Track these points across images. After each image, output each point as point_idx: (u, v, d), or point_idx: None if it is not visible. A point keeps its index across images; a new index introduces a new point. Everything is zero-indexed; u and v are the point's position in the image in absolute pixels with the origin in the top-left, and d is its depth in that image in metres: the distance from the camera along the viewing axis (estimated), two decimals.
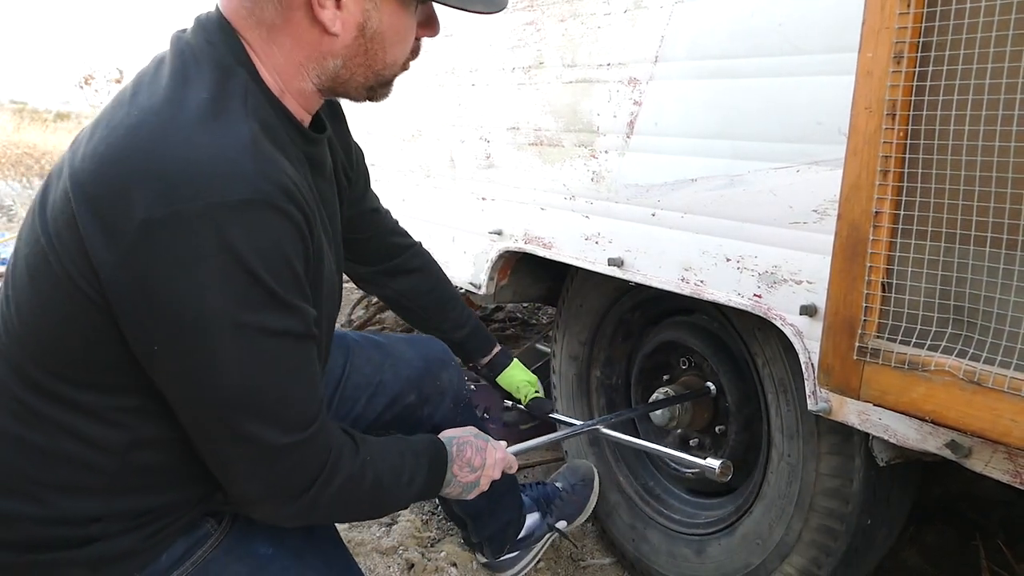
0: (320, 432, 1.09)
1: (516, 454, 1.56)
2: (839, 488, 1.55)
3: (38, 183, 10.43)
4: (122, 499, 1.10)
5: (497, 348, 1.87)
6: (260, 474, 1.06)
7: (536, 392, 1.88)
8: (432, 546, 2.17)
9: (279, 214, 0.96)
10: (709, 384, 1.89)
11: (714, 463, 1.62)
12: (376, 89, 1.16)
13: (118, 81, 9.59)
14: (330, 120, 1.31)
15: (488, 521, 1.95)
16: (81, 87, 9.43)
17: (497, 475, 1.46)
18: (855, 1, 1.17)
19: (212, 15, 1.08)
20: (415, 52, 1.17)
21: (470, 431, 1.46)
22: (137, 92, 1.02)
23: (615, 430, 1.84)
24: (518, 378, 1.87)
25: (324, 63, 1.08)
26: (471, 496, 1.44)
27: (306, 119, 1.15)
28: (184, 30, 1.10)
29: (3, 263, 5.91)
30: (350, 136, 1.46)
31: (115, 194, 0.93)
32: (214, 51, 1.04)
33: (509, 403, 1.92)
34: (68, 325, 1.01)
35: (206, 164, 0.93)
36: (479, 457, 1.42)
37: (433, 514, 2.29)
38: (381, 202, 1.69)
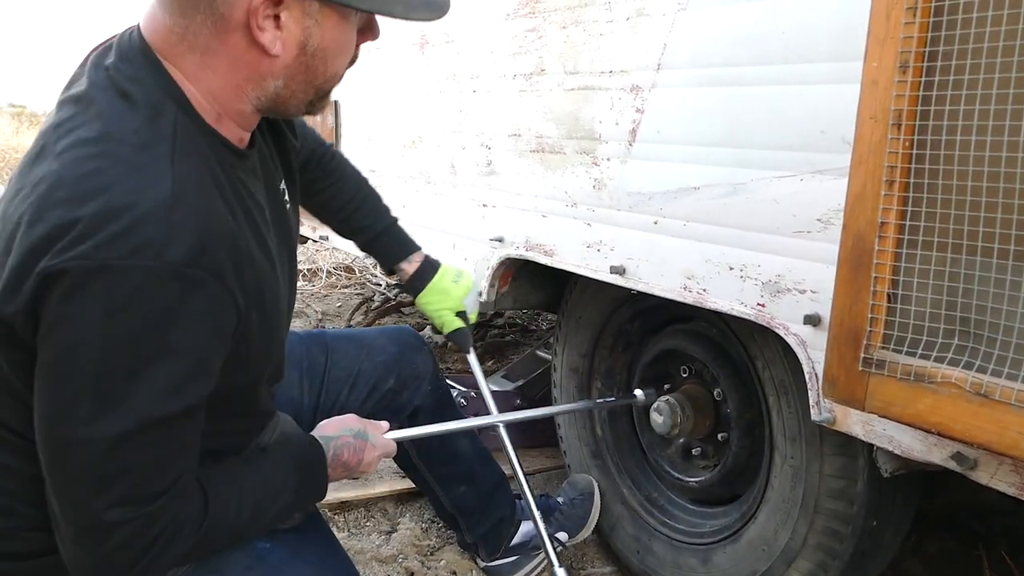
0: (163, 506, 1.01)
1: (399, 440, 1.52)
2: (844, 489, 1.54)
3: None
4: None
5: (420, 258, 1.80)
6: (87, 547, 0.99)
7: (458, 322, 1.81)
8: (432, 554, 2.16)
9: (180, 282, 0.93)
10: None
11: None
12: (315, 103, 1.12)
13: None
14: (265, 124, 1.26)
15: (480, 518, 1.96)
16: None
17: (375, 468, 1.42)
18: (859, 10, 1.17)
19: (135, 42, 1.03)
20: (354, 59, 1.13)
21: (349, 427, 1.38)
22: (57, 138, 0.98)
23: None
24: (435, 304, 1.79)
25: (263, 84, 1.04)
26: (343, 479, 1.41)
27: (244, 139, 1.12)
28: (104, 54, 1.06)
29: None
30: (286, 134, 1.36)
31: (18, 250, 0.92)
32: (140, 88, 1.00)
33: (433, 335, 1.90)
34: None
35: (115, 224, 0.90)
36: (356, 458, 1.36)
37: (433, 522, 2.28)
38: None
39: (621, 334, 2.12)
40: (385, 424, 1.48)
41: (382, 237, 1.79)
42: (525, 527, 2.04)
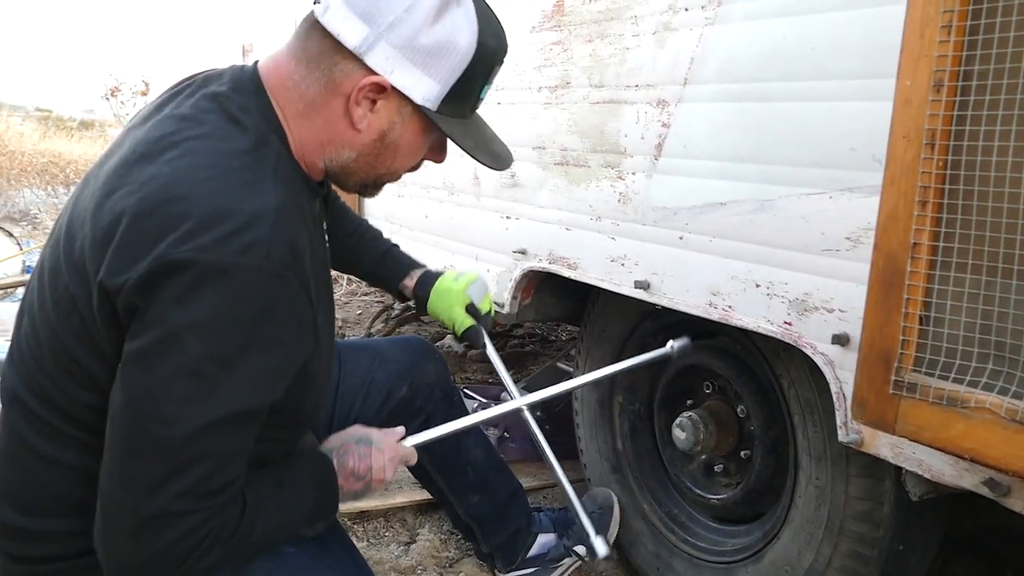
0: (222, 503, 1.05)
1: (417, 445, 1.47)
2: (869, 511, 1.51)
3: (63, 192, 10.54)
4: None
5: (419, 271, 1.81)
6: (145, 537, 1.00)
7: (469, 320, 1.74)
8: (451, 566, 2.15)
9: (281, 285, 1.01)
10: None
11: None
12: (369, 187, 1.24)
13: (144, 93, 9.69)
14: None
15: (496, 528, 1.95)
16: (107, 98, 9.55)
17: (390, 476, 1.39)
18: (891, 27, 1.16)
19: (248, 75, 1.15)
20: (415, 168, 1.25)
21: (352, 435, 1.39)
22: (165, 147, 1.05)
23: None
24: (442, 305, 1.75)
25: (340, 151, 1.16)
26: (366, 497, 1.41)
27: (318, 179, 1.22)
28: (208, 82, 1.15)
29: (29, 271, 5.97)
30: None
31: (133, 241, 0.98)
32: (250, 117, 1.10)
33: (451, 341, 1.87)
34: (88, 357, 1.06)
35: (222, 225, 0.97)
36: (363, 464, 1.35)
37: (452, 533, 2.27)
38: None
39: (644, 348, 2.11)
40: (400, 430, 1.46)
41: (385, 259, 1.83)
42: (543, 539, 2.03)
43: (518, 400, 1.69)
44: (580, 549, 2.03)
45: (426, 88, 1.09)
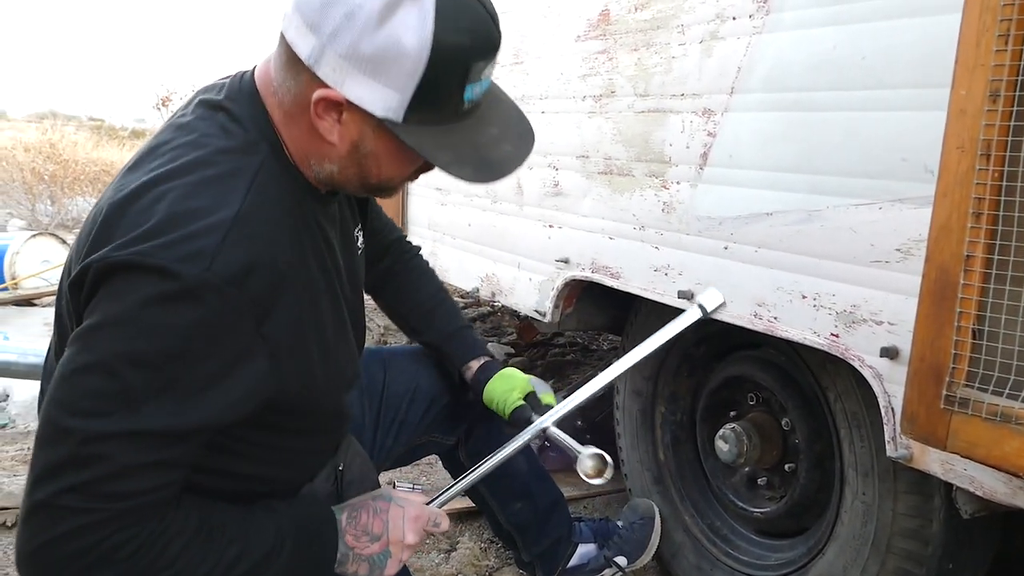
0: (121, 513, 0.97)
1: (442, 506, 1.38)
2: (918, 529, 1.48)
3: None
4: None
5: (479, 361, 1.72)
6: (40, 525, 0.95)
7: (519, 401, 1.65)
8: (491, 575, 2.15)
9: (203, 298, 0.95)
10: None
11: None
12: (374, 192, 1.17)
13: None
14: None
15: (537, 537, 1.95)
16: (158, 107, 9.75)
17: (413, 539, 1.25)
18: (944, 36, 1.14)
19: (246, 84, 1.11)
20: (420, 173, 1.15)
21: (372, 494, 1.29)
22: (156, 156, 1.05)
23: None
24: (497, 390, 1.67)
25: (322, 163, 1.09)
26: (393, 571, 1.24)
27: (322, 187, 1.15)
28: (211, 90, 1.14)
29: None
30: None
31: (104, 228, 0.98)
32: (239, 126, 1.07)
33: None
34: None
35: (176, 230, 0.95)
36: (378, 521, 1.23)
37: (492, 542, 2.27)
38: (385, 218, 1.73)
39: (686, 358, 2.09)
40: (422, 496, 1.37)
41: (454, 337, 1.75)
42: (583, 549, 2.02)
43: (541, 420, 1.60)
44: (621, 560, 2.02)
45: (382, 98, 0.99)
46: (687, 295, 1.71)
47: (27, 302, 5.48)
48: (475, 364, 1.72)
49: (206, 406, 0.98)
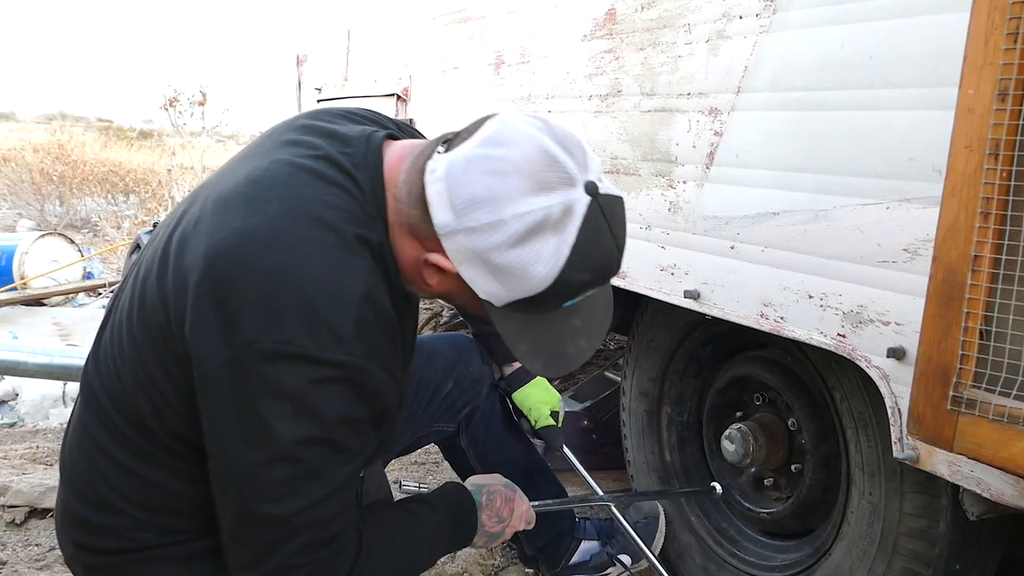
0: (335, 551, 1.12)
1: (537, 509, 1.60)
2: (925, 529, 1.48)
3: (122, 200, 10.80)
4: (210, 517, 1.16)
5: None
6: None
7: (550, 420, 1.86)
8: (496, 574, 2.16)
9: (358, 377, 1.04)
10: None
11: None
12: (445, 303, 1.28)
13: (201, 103, 9.89)
14: None
15: (538, 530, 1.94)
16: (165, 109, 9.76)
17: (521, 527, 1.50)
18: (951, 35, 1.13)
19: (375, 150, 1.13)
20: None
21: (497, 478, 1.50)
22: (271, 196, 1.06)
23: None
24: (535, 397, 1.84)
25: (411, 285, 1.16)
26: (493, 545, 1.49)
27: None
28: (334, 139, 1.14)
29: (89, 277, 6.13)
30: None
31: (229, 308, 1.01)
32: (363, 197, 1.09)
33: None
34: (159, 376, 1.10)
35: (314, 313, 1.00)
36: (508, 507, 1.45)
37: None
38: None
39: (693, 358, 2.09)
40: (526, 499, 1.56)
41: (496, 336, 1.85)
42: (586, 545, 2.03)
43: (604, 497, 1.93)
44: (625, 558, 2.01)
45: (492, 290, 1.05)
46: (693, 295, 1.71)
47: (36, 302, 5.51)
48: (516, 363, 1.86)
49: (367, 444, 1.13)
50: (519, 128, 1.01)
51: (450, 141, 1.06)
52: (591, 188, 1.00)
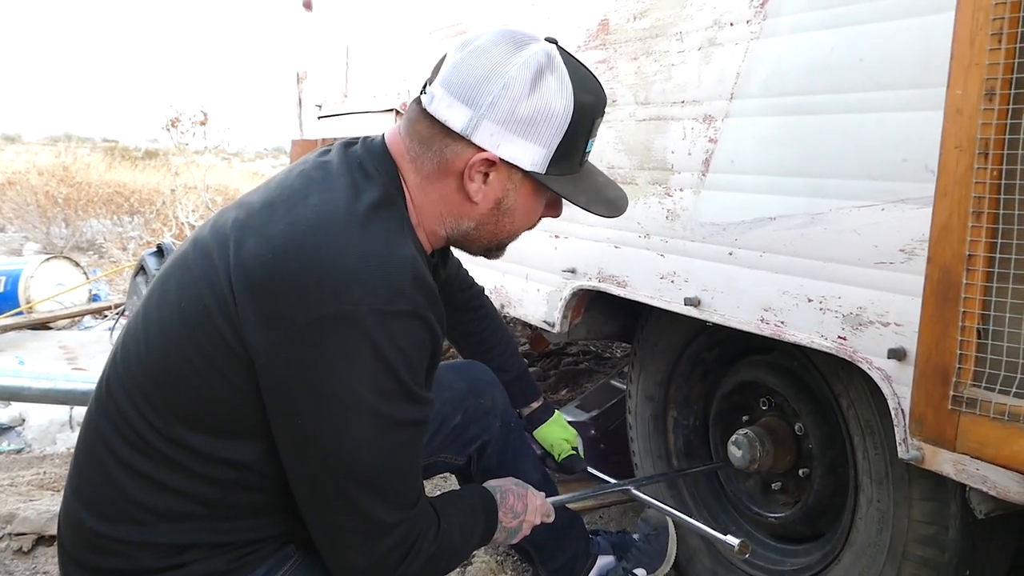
0: (419, 512, 1.21)
1: (553, 505, 1.62)
2: (934, 536, 1.47)
3: (127, 220, 10.84)
4: (220, 527, 1.18)
5: (539, 402, 1.95)
6: (367, 548, 1.16)
7: (572, 450, 1.95)
8: None
9: (424, 326, 1.12)
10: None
11: (733, 540, 1.65)
12: (493, 251, 1.33)
13: (203, 123, 9.96)
14: None
15: (554, 552, 1.94)
16: (168, 129, 9.83)
17: (537, 520, 1.54)
18: (940, 36, 1.14)
19: (378, 144, 1.24)
20: (533, 226, 1.33)
21: (509, 480, 1.55)
22: (308, 193, 1.17)
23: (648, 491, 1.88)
24: (555, 434, 1.94)
25: (460, 221, 1.25)
26: (515, 541, 1.53)
27: (428, 250, 1.30)
28: (351, 146, 1.26)
29: (95, 299, 6.15)
30: (449, 252, 1.62)
31: (287, 290, 1.08)
32: (380, 177, 1.20)
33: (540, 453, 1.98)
34: (207, 374, 1.12)
35: (374, 273, 1.08)
36: (520, 503, 1.50)
37: (508, 555, 2.26)
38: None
39: (698, 363, 2.09)
40: (542, 493, 1.61)
41: (518, 381, 1.93)
42: (602, 561, 2.01)
43: (624, 481, 1.97)
44: (640, 572, 2.01)
45: (532, 154, 1.17)
46: (693, 302, 1.71)
47: (42, 325, 5.52)
48: (535, 404, 1.95)
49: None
50: (476, 32, 1.19)
51: (424, 85, 1.20)
52: (550, 39, 1.20)
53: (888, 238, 1.30)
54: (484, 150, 1.16)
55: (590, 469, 2.02)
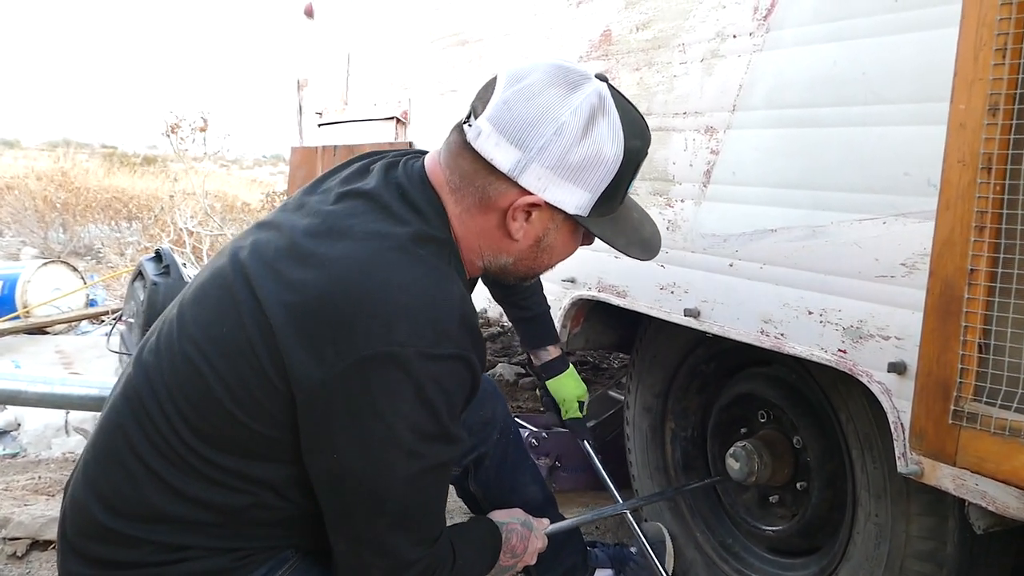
0: (439, 546, 1.22)
1: (549, 534, 1.65)
2: (932, 551, 1.47)
3: (125, 226, 10.82)
4: (227, 534, 1.18)
5: (556, 350, 2.00)
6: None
7: (579, 413, 2.03)
8: None
9: (468, 369, 1.12)
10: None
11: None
12: (527, 280, 1.35)
13: (202, 129, 9.95)
14: None
15: (551, 565, 1.92)
16: (167, 135, 9.82)
17: (532, 561, 1.57)
18: (942, 50, 1.14)
19: (418, 171, 1.23)
20: (568, 256, 1.32)
21: (517, 515, 1.56)
22: (354, 223, 1.16)
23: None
24: (567, 388, 2.00)
25: (498, 256, 1.25)
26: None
27: (468, 277, 1.30)
28: (391, 169, 1.25)
29: (92, 304, 6.13)
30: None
31: (335, 326, 1.07)
32: (426, 208, 1.19)
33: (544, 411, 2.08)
34: (244, 401, 1.11)
35: (423, 315, 1.08)
36: (522, 545, 1.51)
37: None
38: None
39: (696, 375, 2.08)
40: (546, 521, 1.63)
41: (537, 320, 1.97)
42: (600, 574, 2.00)
43: (621, 505, 2.01)
44: None
45: (578, 198, 1.16)
46: (693, 313, 1.71)
47: (39, 330, 5.50)
48: (553, 351, 2.00)
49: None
50: (525, 62, 1.16)
51: (468, 115, 1.17)
52: (601, 76, 1.16)
53: (889, 252, 1.30)
54: (530, 193, 1.14)
55: (595, 465, 2.09)
